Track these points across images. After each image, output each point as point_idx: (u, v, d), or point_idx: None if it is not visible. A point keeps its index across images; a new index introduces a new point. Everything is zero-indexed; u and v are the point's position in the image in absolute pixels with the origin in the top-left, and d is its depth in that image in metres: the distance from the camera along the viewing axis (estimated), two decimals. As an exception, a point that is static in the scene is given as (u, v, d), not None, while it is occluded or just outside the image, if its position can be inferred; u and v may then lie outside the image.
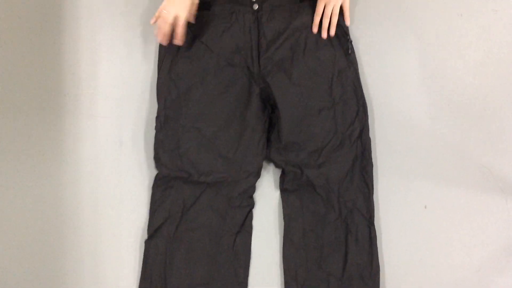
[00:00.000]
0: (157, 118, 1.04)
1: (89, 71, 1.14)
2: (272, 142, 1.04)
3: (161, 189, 1.03)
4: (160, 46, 1.06)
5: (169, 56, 1.04)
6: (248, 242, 1.04)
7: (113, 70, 1.14)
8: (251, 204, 1.05)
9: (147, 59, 1.14)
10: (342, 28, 1.04)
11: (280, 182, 1.06)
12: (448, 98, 1.10)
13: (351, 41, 1.04)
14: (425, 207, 1.07)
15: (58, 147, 1.11)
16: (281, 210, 1.05)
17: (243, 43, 1.02)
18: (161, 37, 0.99)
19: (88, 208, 1.08)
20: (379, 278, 1.00)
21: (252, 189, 1.05)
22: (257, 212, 1.06)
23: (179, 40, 0.99)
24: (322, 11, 1.01)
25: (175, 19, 0.97)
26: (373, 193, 1.02)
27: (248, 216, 1.04)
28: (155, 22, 0.99)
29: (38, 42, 1.15)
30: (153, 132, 1.06)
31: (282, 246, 1.03)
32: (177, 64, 1.03)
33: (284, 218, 1.04)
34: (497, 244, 1.05)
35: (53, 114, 1.12)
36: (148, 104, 1.12)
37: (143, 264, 1.02)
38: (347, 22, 1.04)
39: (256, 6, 1.01)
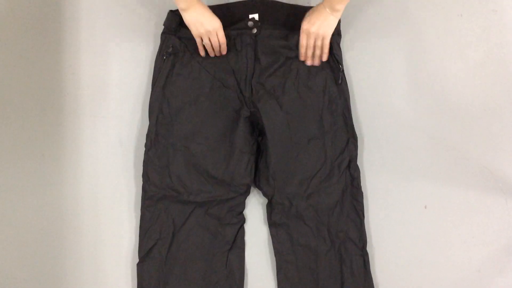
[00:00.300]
0: (148, 135, 1.04)
1: (89, 71, 1.14)
2: (260, 170, 1.04)
3: (150, 210, 1.02)
4: (156, 62, 1.06)
5: (164, 72, 1.03)
6: (241, 259, 1.03)
7: (113, 70, 1.14)
8: (241, 221, 1.04)
9: (147, 59, 1.14)
10: (334, 57, 1.02)
11: (267, 214, 1.05)
12: (448, 98, 1.10)
13: (342, 71, 1.03)
14: (425, 207, 1.07)
15: (58, 147, 1.11)
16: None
17: (238, 66, 1.02)
18: (211, 51, 1.01)
19: (88, 208, 1.08)
20: None
21: (242, 206, 1.05)
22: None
23: (224, 49, 1.00)
24: (306, 43, 0.99)
25: (217, 32, 0.98)
26: (364, 222, 1.01)
27: (240, 232, 1.04)
28: (204, 47, 1.01)
29: (38, 42, 1.15)
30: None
31: (276, 263, 1.02)
32: (172, 82, 1.03)
33: (275, 254, 1.03)
34: (497, 244, 1.05)
35: (53, 114, 1.12)
36: (148, 104, 1.12)
37: (137, 287, 1.01)
38: (324, 58, 1.01)
39: (254, 30, 1.01)
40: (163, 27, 1.06)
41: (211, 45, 0.99)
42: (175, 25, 1.03)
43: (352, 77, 1.12)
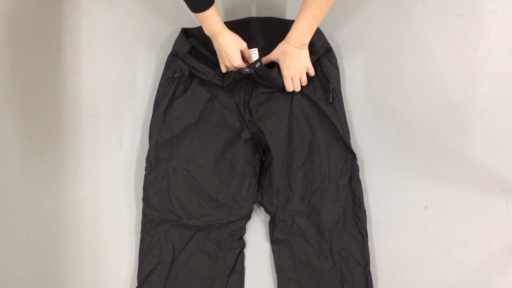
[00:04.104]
0: (147, 158, 1.03)
1: (89, 71, 1.14)
2: (264, 188, 1.04)
3: (150, 234, 1.02)
4: (160, 85, 1.06)
5: (167, 97, 1.03)
6: (240, 284, 1.03)
7: (113, 70, 1.14)
8: (241, 245, 1.04)
9: (148, 59, 1.14)
10: (325, 76, 1.03)
11: (269, 231, 1.05)
12: (448, 98, 1.10)
13: (333, 89, 1.02)
14: (425, 207, 1.07)
15: (58, 147, 1.11)
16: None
17: (237, 91, 1.03)
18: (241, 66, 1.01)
19: (88, 208, 1.08)
20: None
21: (243, 230, 1.04)
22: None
23: (251, 59, 1.02)
24: (291, 86, 1.00)
25: (242, 52, 1.00)
26: (367, 240, 1.01)
27: (239, 257, 1.03)
28: (229, 68, 1.01)
29: (38, 42, 1.15)
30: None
31: (277, 280, 1.02)
32: (173, 106, 1.03)
33: (277, 271, 1.02)
34: (497, 244, 1.05)
35: (53, 114, 1.12)
36: (148, 104, 1.12)
37: None
38: (304, 82, 1.01)
39: (252, 71, 0.99)
40: (163, 28, 1.06)
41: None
42: (184, 51, 1.03)
43: (352, 77, 1.12)
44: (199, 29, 1.05)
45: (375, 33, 1.14)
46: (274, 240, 1.03)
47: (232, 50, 0.97)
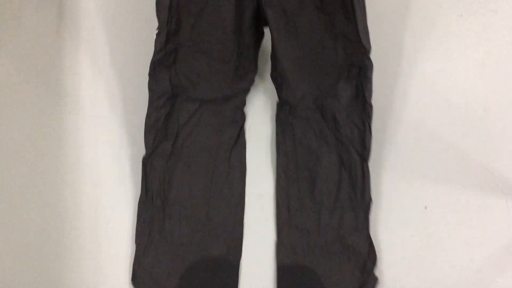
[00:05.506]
0: (157, 35, 0.99)
1: (89, 71, 1.14)
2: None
3: (155, 109, 1.03)
4: None
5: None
6: (243, 155, 1.07)
7: (113, 70, 1.14)
8: (243, 118, 1.07)
9: (148, 59, 1.14)
10: None
11: (276, 111, 1.07)
12: (448, 98, 1.10)
13: None
14: (425, 207, 1.07)
15: (58, 147, 1.11)
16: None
17: None
18: None
19: (88, 208, 1.08)
20: (369, 212, 1.02)
21: (244, 103, 1.07)
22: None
23: None
24: None
25: None
26: (370, 133, 1.01)
27: (242, 130, 1.07)
28: None
29: (38, 42, 1.15)
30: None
31: (276, 159, 1.05)
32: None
33: (277, 151, 1.06)
34: (497, 244, 1.05)
35: (53, 114, 1.12)
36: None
37: (142, 180, 1.04)
38: None
39: None
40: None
41: None
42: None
43: (352, 77, 1.12)
44: None
45: (374, 33, 1.14)
46: (279, 121, 1.06)
47: None
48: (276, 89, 1.06)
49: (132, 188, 1.09)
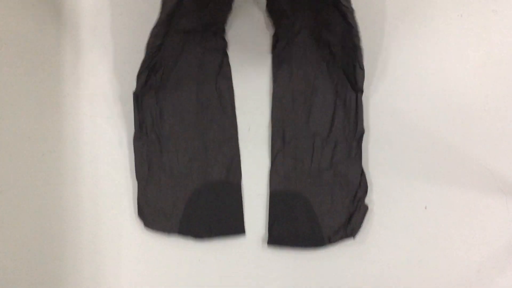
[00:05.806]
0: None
1: (89, 71, 1.14)
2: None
3: (150, 46, 1.02)
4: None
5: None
6: (229, 81, 1.08)
7: (113, 70, 1.14)
8: (225, 45, 1.08)
9: (147, 59, 1.14)
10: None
11: (272, 43, 1.08)
12: (448, 98, 1.10)
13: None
14: (425, 207, 1.07)
15: (58, 147, 1.11)
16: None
17: None
18: None
19: (88, 208, 1.08)
20: (362, 141, 1.05)
21: (223, 30, 1.08)
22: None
23: None
24: None
25: None
26: (361, 69, 1.02)
27: (225, 57, 1.08)
28: None
29: (38, 42, 1.14)
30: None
31: (272, 90, 1.06)
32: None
33: (273, 82, 1.07)
34: (497, 244, 1.05)
35: (53, 114, 1.12)
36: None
37: (135, 116, 1.06)
38: None
39: None
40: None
41: None
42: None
43: (352, 77, 1.12)
44: None
45: (374, 33, 1.14)
46: (274, 53, 1.07)
47: None
48: (273, 22, 1.07)
49: (132, 188, 1.09)
